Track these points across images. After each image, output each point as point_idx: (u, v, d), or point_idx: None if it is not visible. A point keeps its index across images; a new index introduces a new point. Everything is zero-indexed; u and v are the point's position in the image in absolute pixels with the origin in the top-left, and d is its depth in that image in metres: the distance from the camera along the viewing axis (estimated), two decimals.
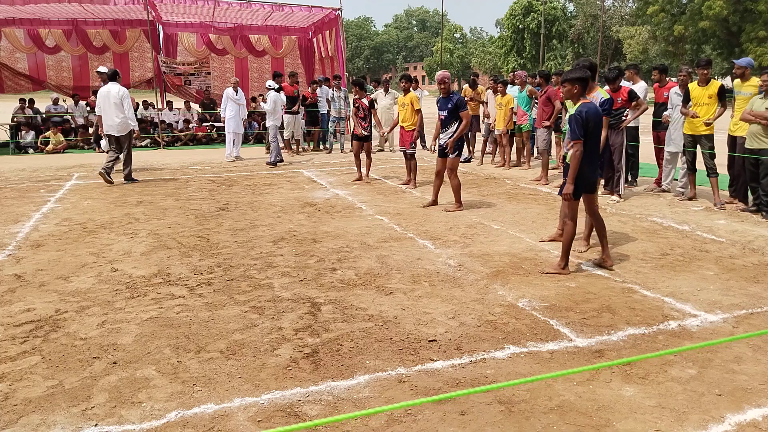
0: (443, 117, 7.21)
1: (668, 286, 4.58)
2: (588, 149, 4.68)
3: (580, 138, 4.62)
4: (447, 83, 7.21)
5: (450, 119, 7.16)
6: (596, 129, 4.69)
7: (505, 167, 10.84)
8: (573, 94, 4.74)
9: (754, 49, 36.45)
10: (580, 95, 4.72)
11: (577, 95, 4.72)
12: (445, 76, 7.28)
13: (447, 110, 7.14)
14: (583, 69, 4.92)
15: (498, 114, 10.58)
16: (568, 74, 4.80)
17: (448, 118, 7.17)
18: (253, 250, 5.61)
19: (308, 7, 15.94)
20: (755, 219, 6.83)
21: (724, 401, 2.93)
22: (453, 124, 7.16)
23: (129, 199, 8.22)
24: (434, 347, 3.52)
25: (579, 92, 4.72)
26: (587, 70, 4.94)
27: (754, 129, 6.81)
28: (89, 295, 4.43)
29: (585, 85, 4.74)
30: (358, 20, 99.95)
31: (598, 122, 4.70)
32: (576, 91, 4.72)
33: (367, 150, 9.44)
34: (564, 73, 4.97)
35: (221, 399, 2.94)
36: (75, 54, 16.62)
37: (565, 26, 58.31)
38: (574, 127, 4.62)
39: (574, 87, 4.71)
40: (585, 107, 4.63)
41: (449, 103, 7.12)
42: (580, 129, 4.60)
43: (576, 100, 4.73)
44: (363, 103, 9.26)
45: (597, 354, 3.44)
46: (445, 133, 7.25)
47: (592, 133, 4.67)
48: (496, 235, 6.17)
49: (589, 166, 4.77)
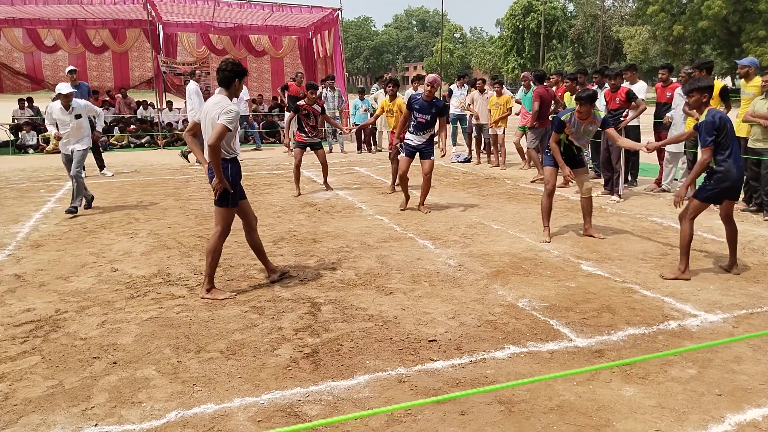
0: (424, 120, 6.96)
1: (668, 286, 4.58)
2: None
3: (708, 145, 4.53)
4: (435, 88, 7.01)
5: (431, 123, 7.00)
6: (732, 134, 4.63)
7: (501, 167, 10.83)
8: (702, 103, 4.65)
9: (754, 49, 36.44)
10: (707, 104, 4.66)
11: (706, 104, 4.65)
12: (437, 80, 7.13)
13: (430, 114, 6.94)
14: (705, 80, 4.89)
15: (495, 114, 10.57)
16: (695, 84, 4.72)
17: (429, 122, 6.99)
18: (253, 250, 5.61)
19: (308, 7, 15.93)
20: (755, 219, 6.84)
21: (724, 401, 2.93)
22: (431, 128, 7.03)
23: (129, 199, 8.22)
24: (434, 347, 3.52)
25: (707, 101, 4.65)
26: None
27: (757, 130, 6.81)
28: (89, 295, 4.43)
29: (711, 94, 4.67)
30: (358, 20, 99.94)
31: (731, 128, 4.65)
32: (705, 99, 4.64)
33: (322, 158, 8.55)
34: (690, 83, 4.90)
35: (221, 399, 2.94)
36: (73, 53, 16.60)
37: (565, 26, 58.27)
38: (704, 134, 4.55)
39: (703, 96, 4.63)
40: (714, 113, 4.57)
41: (433, 108, 6.93)
42: (710, 137, 4.53)
43: (703, 109, 4.66)
44: (314, 110, 8.32)
45: (597, 354, 3.44)
46: (422, 135, 7.04)
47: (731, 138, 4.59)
48: (496, 235, 6.17)
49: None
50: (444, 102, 7.24)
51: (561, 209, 7.39)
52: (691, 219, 4.74)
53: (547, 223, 6.00)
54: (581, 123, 5.68)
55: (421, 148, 7.10)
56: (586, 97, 5.53)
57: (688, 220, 4.74)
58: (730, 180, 4.60)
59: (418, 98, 7.04)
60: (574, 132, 5.75)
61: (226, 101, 4.18)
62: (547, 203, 5.97)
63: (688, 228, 4.73)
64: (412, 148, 7.13)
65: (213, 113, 4.15)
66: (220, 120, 4.07)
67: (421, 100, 6.99)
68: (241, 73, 4.24)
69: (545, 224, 5.99)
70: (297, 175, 8.42)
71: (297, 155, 8.43)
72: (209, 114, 4.19)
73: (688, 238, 4.73)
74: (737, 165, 4.60)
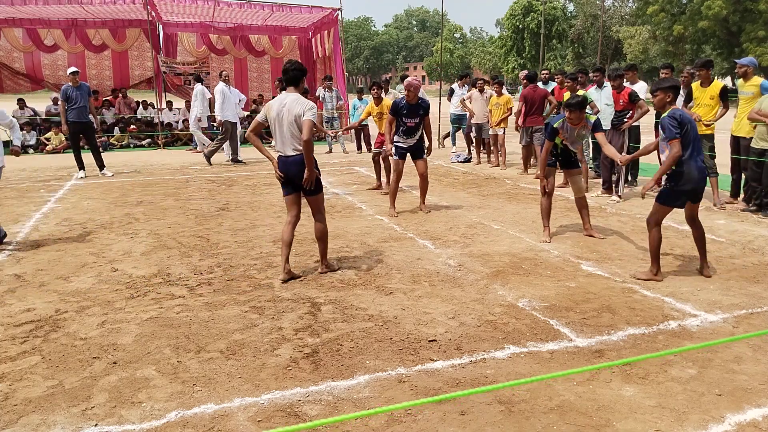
0: (413, 124, 6.94)
1: (668, 286, 4.58)
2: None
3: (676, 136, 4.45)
4: (413, 91, 6.88)
5: (419, 125, 6.99)
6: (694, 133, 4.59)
7: (501, 167, 10.84)
8: (666, 102, 4.62)
9: (754, 49, 36.46)
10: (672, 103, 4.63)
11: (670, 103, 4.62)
12: (411, 83, 6.94)
13: (418, 116, 6.93)
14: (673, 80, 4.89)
15: (495, 114, 10.57)
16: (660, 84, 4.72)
17: (417, 125, 6.97)
18: (253, 250, 5.61)
19: (308, 7, 15.93)
20: (755, 219, 6.84)
21: (724, 401, 2.93)
22: (420, 129, 7.02)
23: (129, 199, 8.22)
24: (434, 347, 3.52)
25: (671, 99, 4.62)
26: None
27: (762, 129, 6.81)
28: (89, 295, 4.43)
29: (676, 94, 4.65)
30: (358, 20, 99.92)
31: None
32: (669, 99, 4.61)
33: None
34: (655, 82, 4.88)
35: (221, 399, 2.94)
36: (73, 52, 16.59)
37: (565, 26, 58.27)
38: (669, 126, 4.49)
39: (666, 95, 4.61)
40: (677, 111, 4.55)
41: (420, 110, 6.92)
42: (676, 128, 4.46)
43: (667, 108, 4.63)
44: None
45: (597, 354, 3.44)
46: (412, 138, 7.01)
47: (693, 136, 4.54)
48: (496, 235, 6.17)
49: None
50: (428, 102, 7.15)
51: (561, 209, 7.39)
52: (656, 224, 4.70)
53: (547, 223, 6.01)
54: (574, 128, 5.73)
55: (413, 148, 7.08)
56: (575, 104, 5.53)
57: (653, 225, 4.70)
58: (691, 182, 4.53)
59: (403, 103, 6.93)
60: (568, 137, 5.80)
61: (303, 98, 4.54)
62: (547, 203, 5.98)
63: (656, 233, 4.69)
64: (404, 150, 7.09)
65: (296, 110, 4.48)
66: (307, 116, 4.44)
67: (407, 104, 6.89)
68: (305, 72, 4.66)
69: (545, 224, 6.00)
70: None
71: None
72: (291, 111, 4.49)
73: (656, 242, 4.69)
74: (698, 167, 4.52)
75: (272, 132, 4.69)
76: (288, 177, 4.67)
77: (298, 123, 4.49)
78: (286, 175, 4.66)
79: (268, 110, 4.64)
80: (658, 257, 4.73)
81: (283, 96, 4.62)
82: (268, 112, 4.63)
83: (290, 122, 4.51)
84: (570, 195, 8.23)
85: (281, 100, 4.60)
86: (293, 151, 4.58)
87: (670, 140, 4.48)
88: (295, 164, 4.58)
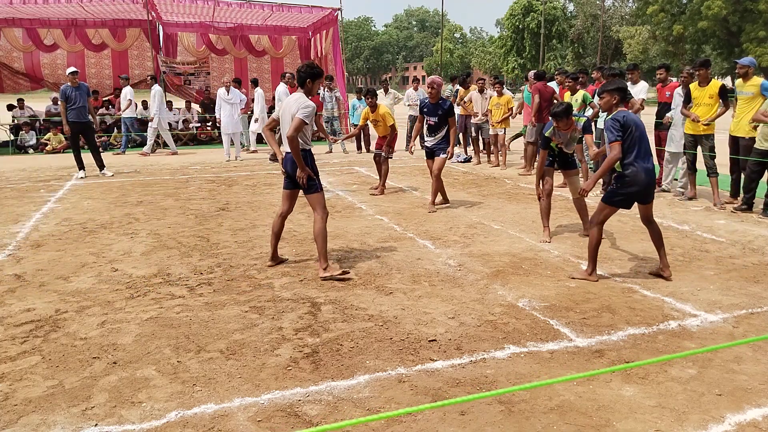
0: (433, 122, 7.24)
1: (668, 286, 4.58)
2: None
3: (616, 140, 4.46)
4: (437, 89, 7.18)
5: (440, 125, 7.23)
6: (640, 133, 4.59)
7: (501, 167, 10.83)
8: (612, 104, 4.64)
9: (754, 49, 36.47)
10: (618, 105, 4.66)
11: (617, 105, 4.64)
12: (435, 80, 7.28)
13: (437, 116, 7.18)
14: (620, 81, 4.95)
15: (495, 114, 10.57)
16: (606, 86, 4.75)
17: (438, 124, 7.23)
18: (253, 250, 5.61)
19: (308, 7, 15.93)
20: (755, 219, 6.84)
21: (724, 401, 2.93)
22: (442, 129, 7.24)
23: (129, 199, 8.22)
24: (434, 347, 3.52)
25: (618, 101, 4.65)
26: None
27: (766, 130, 6.81)
28: (89, 295, 4.43)
29: (623, 96, 4.68)
30: (358, 20, 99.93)
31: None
32: (615, 101, 4.63)
33: None
34: (602, 85, 4.90)
35: (221, 399, 2.94)
36: (72, 51, 16.59)
37: (565, 26, 58.24)
38: (611, 128, 4.50)
39: (613, 97, 4.63)
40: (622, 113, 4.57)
41: (439, 109, 7.15)
42: (617, 131, 4.48)
43: (614, 110, 4.65)
44: None
45: (597, 354, 3.44)
46: (435, 136, 7.30)
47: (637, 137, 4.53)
48: (496, 235, 6.17)
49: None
50: (450, 103, 7.31)
51: (561, 209, 7.39)
52: (599, 223, 4.68)
53: (547, 223, 6.02)
54: (565, 133, 5.78)
55: (434, 147, 7.37)
56: (560, 112, 5.54)
57: (596, 224, 4.68)
58: (637, 184, 4.51)
59: (426, 102, 7.36)
60: (562, 141, 5.87)
61: (305, 98, 4.71)
62: (546, 204, 5.99)
63: (596, 233, 4.66)
64: (428, 149, 7.48)
65: (293, 109, 4.66)
66: (299, 114, 4.60)
67: (428, 103, 7.29)
68: (314, 74, 4.74)
69: (545, 224, 6.01)
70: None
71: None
72: (289, 109, 4.71)
73: (595, 241, 4.66)
74: (644, 168, 4.49)
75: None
76: (287, 172, 4.90)
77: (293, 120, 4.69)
78: (285, 169, 4.90)
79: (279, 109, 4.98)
80: (595, 257, 4.69)
81: (290, 95, 4.91)
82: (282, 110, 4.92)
83: (288, 120, 4.71)
84: (570, 195, 8.24)
85: (286, 99, 4.85)
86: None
87: (610, 143, 4.51)
88: (290, 161, 4.80)
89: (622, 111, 4.58)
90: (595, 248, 4.68)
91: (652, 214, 4.78)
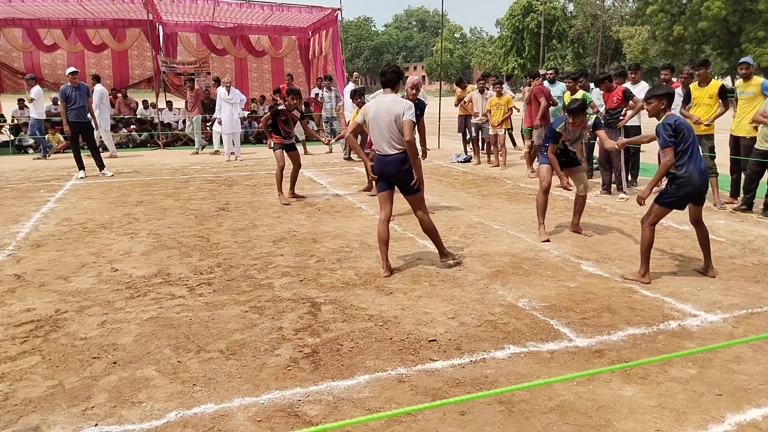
0: None
1: (668, 286, 4.58)
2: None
3: (669, 145, 4.48)
4: (419, 90, 6.94)
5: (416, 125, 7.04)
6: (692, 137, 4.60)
7: (501, 167, 10.83)
8: (660, 110, 4.63)
9: (753, 49, 36.50)
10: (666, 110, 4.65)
11: (664, 110, 4.63)
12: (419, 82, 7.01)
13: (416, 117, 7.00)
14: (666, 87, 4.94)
15: (495, 114, 10.56)
16: (653, 91, 4.73)
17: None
18: (253, 250, 5.61)
19: (308, 7, 15.93)
20: (755, 219, 6.84)
21: (724, 401, 2.93)
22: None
23: (129, 199, 8.22)
24: (434, 347, 3.52)
25: (665, 107, 4.64)
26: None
27: (766, 130, 6.81)
28: (89, 295, 4.43)
29: (671, 101, 4.68)
30: (358, 20, 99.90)
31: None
32: (663, 106, 4.62)
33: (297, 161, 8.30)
34: (649, 90, 4.89)
35: (221, 399, 2.94)
36: (72, 52, 16.60)
37: (565, 26, 58.25)
38: (663, 134, 4.52)
39: (661, 102, 4.61)
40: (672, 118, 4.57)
41: (417, 109, 6.95)
42: (670, 136, 4.49)
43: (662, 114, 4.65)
44: (293, 115, 8.07)
45: (597, 354, 3.44)
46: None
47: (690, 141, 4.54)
48: (496, 235, 6.17)
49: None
50: (424, 102, 7.17)
51: (561, 209, 7.39)
52: (651, 224, 4.70)
53: (542, 219, 6.03)
54: (576, 129, 5.80)
55: None
56: (577, 108, 5.59)
57: (648, 225, 4.70)
58: (692, 185, 4.53)
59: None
60: (570, 138, 5.87)
61: (401, 99, 4.73)
62: (543, 200, 6.01)
63: (648, 233, 4.68)
64: None
65: (395, 110, 4.62)
66: (408, 117, 4.60)
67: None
68: (401, 73, 4.82)
69: (540, 221, 6.03)
70: (280, 179, 8.02)
71: (280, 157, 8.06)
72: (390, 111, 4.64)
73: (648, 242, 4.68)
74: (698, 170, 4.51)
75: (370, 131, 4.87)
76: (384, 174, 4.80)
77: (398, 123, 4.64)
78: (382, 172, 4.79)
79: (365, 112, 4.85)
80: (648, 258, 4.71)
81: (380, 97, 4.81)
82: (366, 114, 4.83)
83: (389, 122, 4.65)
84: (571, 195, 8.24)
85: (378, 101, 4.77)
86: (392, 150, 4.71)
87: (663, 148, 4.52)
88: (394, 163, 4.71)
89: (672, 115, 4.57)
90: (648, 249, 4.68)
91: (701, 215, 4.82)
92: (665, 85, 5.22)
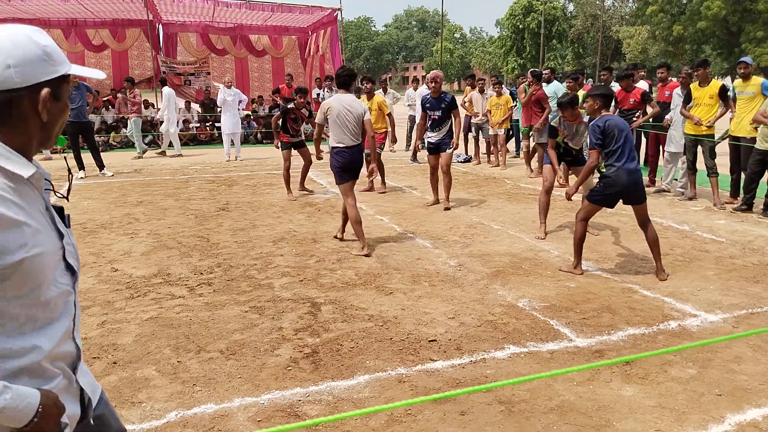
0: (437, 117, 7.24)
1: (668, 286, 4.58)
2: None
3: (595, 147, 4.66)
4: (439, 83, 7.27)
5: (444, 119, 7.24)
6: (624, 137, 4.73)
7: (501, 167, 10.83)
8: (594, 110, 4.81)
9: (753, 49, 36.50)
10: (601, 110, 4.80)
11: (598, 110, 4.80)
12: (438, 75, 7.39)
13: (441, 110, 7.20)
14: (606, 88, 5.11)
15: (495, 115, 10.56)
16: (591, 91, 4.92)
17: (441, 118, 7.24)
18: (253, 250, 5.61)
19: (308, 8, 15.94)
20: (755, 219, 6.84)
21: (724, 401, 2.93)
22: (446, 123, 7.25)
23: (129, 199, 8.22)
24: (434, 347, 3.52)
25: (600, 107, 4.79)
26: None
27: (766, 131, 6.81)
28: (89, 295, 4.42)
29: (607, 102, 4.83)
30: (358, 20, 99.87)
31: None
32: (597, 106, 4.79)
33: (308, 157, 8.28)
34: (590, 89, 5.08)
35: (221, 399, 2.94)
36: (72, 52, 16.59)
37: (565, 26, 58.23)
38: (591, 134, 4.71)
39: (596, 102, 4.78)
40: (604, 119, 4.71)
41: (442, 103, 7.18)
42: (597, 137, 4.66)
43: (597, 114, 4.81)
44: (302, 114, 8.23)
45: (597, 354, 3.44)
46: (439, 131, 7.29)
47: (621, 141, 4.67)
48: (496, 235, 6.17)
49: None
50: (452, 96, 7.35)
51: (561, 209, 7.39)
52: (582, 219, 4.86)
53: (544, 219, 6.05)
54: (571, 125, 5.80)
55: (439, 142, 7.34)
56: (566, 102, 5.66)
57: (580, 220, 4.87)
58: (619, 185, 4.64)
59: (428, 98, 7.36)
60: (567, 134, 5.85)
61: (358, 99, 5.41)
62: (545, 200, 6.02)
63: (580, 228, 4.85)
64: (432, 145, 7.44)
65: (358, 110, 5.34)
66: (367, 116, 5.42)
67: (431, 98, 7.29)
68: (354, 75, 5.55)
69: (541, 220, 6.04)
70: (287, 178, 8.16)
71: (286, 157, 8.15)
72: (353, 110, 5.31)
73: (579, 236, 4.84)
74: (627, 170, 4.61)
75: (330, 128, 5.42)
76: (352, 164, 5.38)
77: (359, 120, 5.35)
78: (352, 162, 5.37)
79: (325, 112, 5.37)
80: (580, 251, 4.86)
81: (340, 97, 5.37)
82: (328, 113, 5.34)
83: (354, 119, 5.29)
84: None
85: (339, 101, 5.33)
86: (354, 142, 5.37)
87: (589, 149, 4.70)
88: (358, 152, 5.42)
89: (605, 116, 4.72)
90: (580, 242, 4.86)
91: (647, 217, 4.85)
92: (604, 85, 5.35)
